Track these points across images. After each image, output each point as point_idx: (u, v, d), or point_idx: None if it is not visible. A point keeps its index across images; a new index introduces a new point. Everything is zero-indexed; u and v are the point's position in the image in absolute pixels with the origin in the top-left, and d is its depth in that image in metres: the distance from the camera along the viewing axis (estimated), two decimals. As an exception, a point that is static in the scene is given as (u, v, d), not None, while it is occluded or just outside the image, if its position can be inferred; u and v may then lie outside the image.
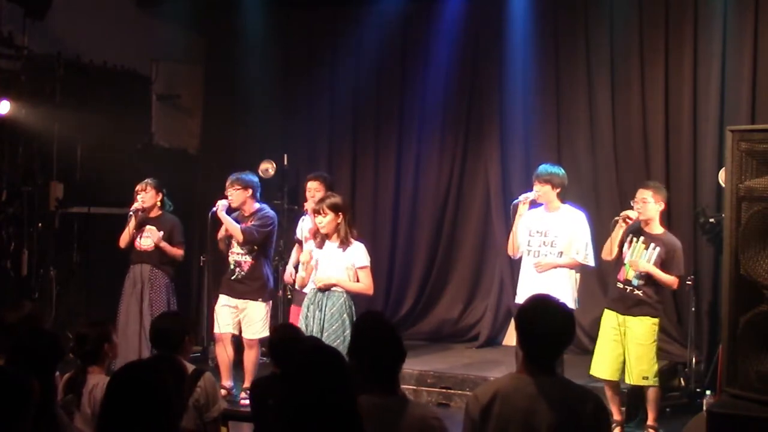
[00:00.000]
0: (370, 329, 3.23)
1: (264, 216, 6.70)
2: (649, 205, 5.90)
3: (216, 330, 6.75)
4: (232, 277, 6.66)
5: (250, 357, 6.70)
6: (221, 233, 6.69)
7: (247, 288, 6.64)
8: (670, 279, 5.87)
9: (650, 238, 5.91)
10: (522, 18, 8.22)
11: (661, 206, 5.98)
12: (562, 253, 6.15)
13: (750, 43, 7.32)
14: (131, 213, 6.81)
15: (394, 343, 3.13)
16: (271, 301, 6.81)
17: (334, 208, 5.58)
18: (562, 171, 6.28)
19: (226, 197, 6.63)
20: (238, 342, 6.84)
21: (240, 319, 6.67)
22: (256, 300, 6.65)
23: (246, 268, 6.64)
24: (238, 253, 6.67)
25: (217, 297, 6.80)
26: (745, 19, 7.35)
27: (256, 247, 6.64)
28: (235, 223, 6.58)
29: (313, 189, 6.59)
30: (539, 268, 6.15)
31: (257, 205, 6.73)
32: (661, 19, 7.76)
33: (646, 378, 5.85)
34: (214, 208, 6.53)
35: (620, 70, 7.96)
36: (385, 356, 3.10)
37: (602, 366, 5.97)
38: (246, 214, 6.69)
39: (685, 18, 7.65)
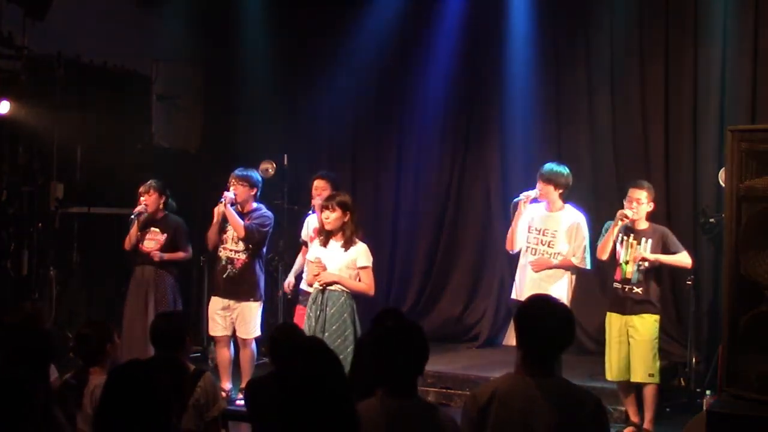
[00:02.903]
0: (397, 330, 3.04)
1: (263, 216, 6.70)
2: (642, 206, 5.95)
3: (212, 333, 6.76)
4: (224, 275, 6.63)
5: (245, 356, 6.69)
6: (213, 230, 6.66)
7: (239, 288, 6.60)
8: (680, 258, 5.91)
9: (640, 234, 5.95)
10: (522, 18, 8.22)
11: (651, 206, 6.02)
12: (558, 253, 6.14)
13: (750, 43, 7.31)
14: (134, 216, 6.75)
15: (421, 344, 3.01)
16: (262, 301, 6.78)
17: (343, 206, 5.59)
18: (567, 170, 6.19)
19: (227, 190, 6.63)
20: (236, 341, 6.84)
21: (233, 318, 6.66)
22: (248, 300, 6.63)
23: (238, 265, 6.61)
24: (231, 250, 6.64)
25: (210, 298, 6.79)
26: (745, 19, 7.35)
27: (250, 246, 6.64)
28: (240, 218, 6.59)
29: (320, 188, 6.57)
30: (535, 267, 6.16)
31: (255, 205, 6.73)
32: (661, 19, 7.76)
33: (652, 375, 5.88)
34: (221, 200, 6.52)
35: (620, 70, 7.96)
36: (412, 358, 2.98)
37: (611, 368, 5.99)
38: (243, 212, 6.68)
39: (686, 18, 7.65)
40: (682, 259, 5.95)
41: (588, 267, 6.23)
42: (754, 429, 3.80)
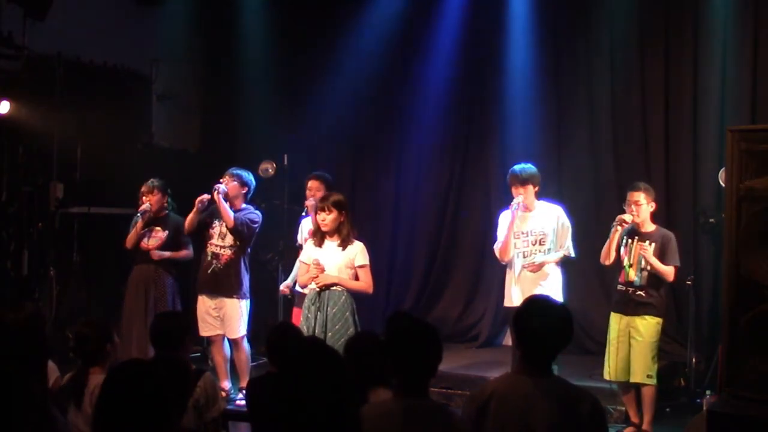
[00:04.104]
0: (414, 331, 3.08)
1: (253, 213, 6.72)
2: (642, 207, 5.95)
3: (204, 333, 6.75)
4: (209, 270, 6.64)
5: (238, 356, 6.69)
6: (190, 219, 6.63)
7: (222, 284, 6.60)
8: (666, 269, 5.91)
9: (644, 237, 5.95)
10: (523, 18, 8.25)
11: (653, 206, 6.02)
12: (550, 249, 6.21)
13: (750, 43, 7.32)
14: (140, 214, 6.79)
15: (435, 346, 3.06)
16: (247, 299, 6.75)
17: (339, 206, 5.59)
18: (535, 168, 6.30)
19: (219, 183, 6.62)
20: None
21: (221, 316, 6.65)
22: (231, 297, 6.61)
23: (224, 260, 6.62)
24: (217, 245, 6.66)
25: (197, 297, 6.78)
26: (745, 19, 7.35)
27: (237, 242, 6.63)
28: (230, 210, 6.59)
29: (314, 189, 6.58)
30: (531, 267, 6.18)
31: (244, 205, 6.75)
32: (662, 19, 7.77)
33: (650, 376, 5.89)
34: (214, 189, 6.53)
35: (620, 70, 7.97)
36: (426, 359, 3.03)
37: (610, 368, 5.99)
38: (233, 209, 6.69)
39: (685, 18, 7.66)
40: (668, 273, 5.94)
41: (573, 255, 6.30)
42: (754, 429, 3.80)
